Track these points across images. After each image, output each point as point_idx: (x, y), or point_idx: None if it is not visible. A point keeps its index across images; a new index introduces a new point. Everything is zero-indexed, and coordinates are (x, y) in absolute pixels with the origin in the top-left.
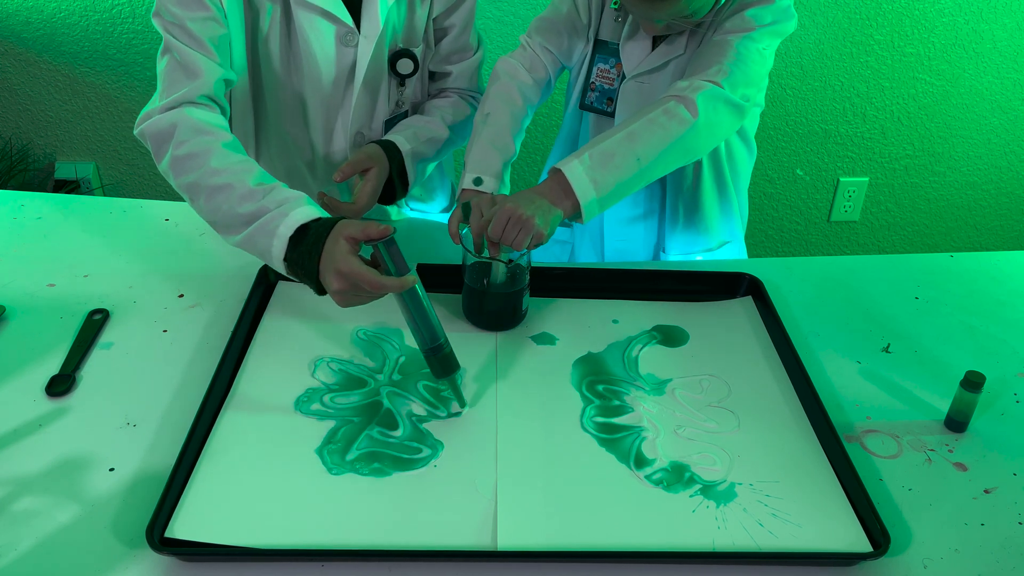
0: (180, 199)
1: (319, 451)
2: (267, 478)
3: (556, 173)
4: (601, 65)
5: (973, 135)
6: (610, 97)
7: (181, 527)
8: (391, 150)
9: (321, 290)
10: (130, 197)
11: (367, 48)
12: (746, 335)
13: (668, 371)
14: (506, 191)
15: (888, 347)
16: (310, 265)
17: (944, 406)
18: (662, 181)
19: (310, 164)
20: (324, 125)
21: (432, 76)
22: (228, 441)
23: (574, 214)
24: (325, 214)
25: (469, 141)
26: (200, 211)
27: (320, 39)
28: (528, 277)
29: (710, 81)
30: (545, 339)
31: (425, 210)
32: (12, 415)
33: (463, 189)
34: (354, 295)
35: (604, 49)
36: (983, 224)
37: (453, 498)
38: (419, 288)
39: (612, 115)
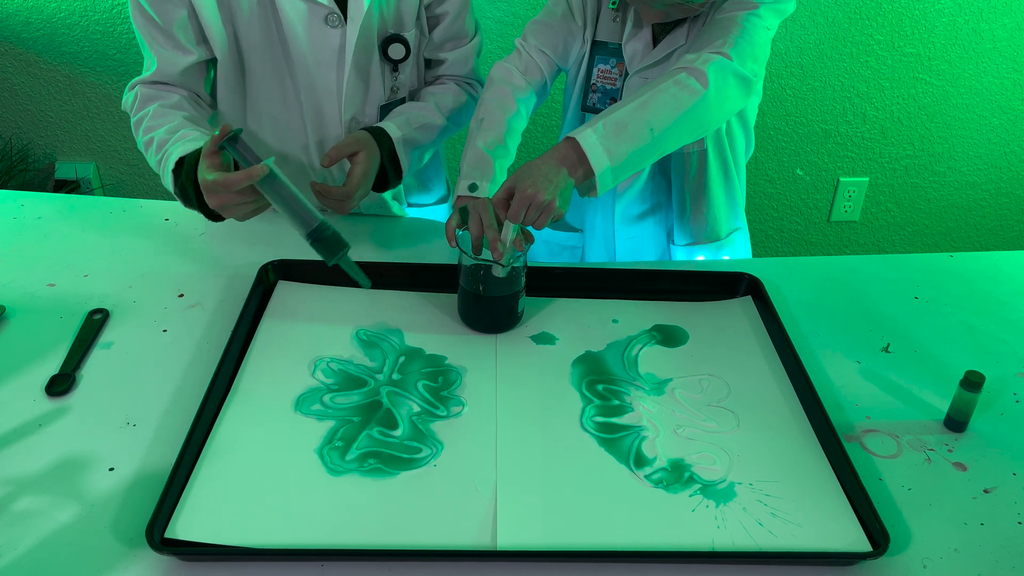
0: None
1: (319, 451)
2: (267, 478)
3: (570, 141)
4: (602, 66)
5: (973, 135)
6: (613, 97)
7: (181, 527)
8: (381, 136)
9: (212, 215)
10: (130, 197)
11: (354, 31)
12: (746, 335)
13: (668, 371)
14: None
15: (888, 347)
16: (191, 192)
17: (944, 406)
18: (667, 175)
19: (305, 149)
20: (316, 110)
21: (428, 63)
22: (228, 441)
23: (587, 185)
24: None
25: (464, 147)
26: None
27: (302, 20)
28: (524, 279)
29: (718, 53)
30: (545, 339)
31: (422, 201)
32: (12, 415)
33: (458, 196)
34: (233, 203)
35: (603, 50)
36: (983, 224)
37: (453, 498)
38: (278, 176)
39: None
